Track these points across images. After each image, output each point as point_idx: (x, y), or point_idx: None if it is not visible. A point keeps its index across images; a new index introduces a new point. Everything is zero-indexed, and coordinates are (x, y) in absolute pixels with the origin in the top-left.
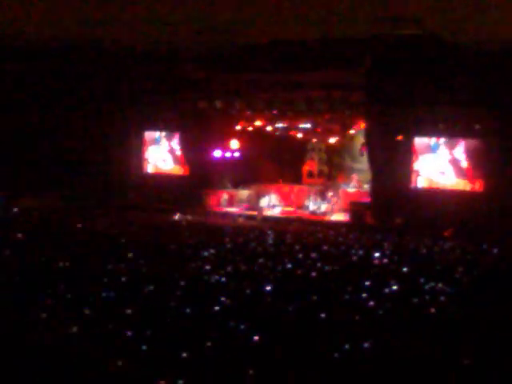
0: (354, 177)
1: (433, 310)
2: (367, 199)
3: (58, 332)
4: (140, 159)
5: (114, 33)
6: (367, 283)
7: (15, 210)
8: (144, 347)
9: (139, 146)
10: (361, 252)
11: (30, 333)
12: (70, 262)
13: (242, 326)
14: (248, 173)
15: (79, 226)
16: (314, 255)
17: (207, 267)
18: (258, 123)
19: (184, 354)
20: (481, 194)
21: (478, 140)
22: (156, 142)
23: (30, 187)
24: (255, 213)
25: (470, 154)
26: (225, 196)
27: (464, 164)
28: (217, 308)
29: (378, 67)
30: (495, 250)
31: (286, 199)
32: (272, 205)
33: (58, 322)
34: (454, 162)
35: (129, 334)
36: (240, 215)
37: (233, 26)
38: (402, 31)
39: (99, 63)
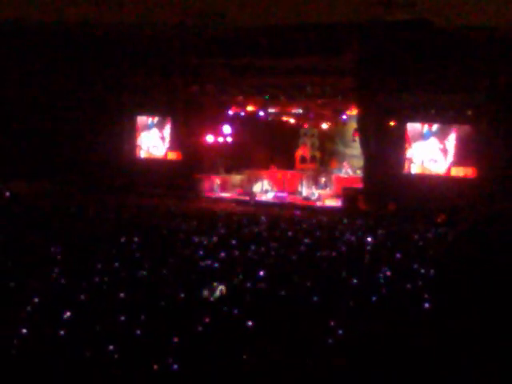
0: (346, 162)
1: (425, 296)
2: (360, 185)
3: (52, 317)
4: (132, 144)
5: (107, 17)
6: (360, 268)
7: (7, 194)
8: (138, 332)
9: (132, 131)
10: (353, 237)
11: (23, 318)
12: (63, 247)
13: (236, 311)
14: (241, 158)
15: (72, 210)
16: (307, 240)
17: (200, 252)
18: (250, 108)
19: (176, 339)
20: (473, 181)
21: (469, 126)
22: (148, 127)
23: (22, 173)
24: (248, 198)
25: (462, 140)
26: (217, 181)
27: (456, 151)
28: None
29: (369, 52)
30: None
31: (278, 184)
32: (265, 190)
33: (51, 307)
34: (446, 149)
35: (122, 318)
36: (233, 200)
37: (224, 11)
38: (393, 16)
39: (93, 48)
